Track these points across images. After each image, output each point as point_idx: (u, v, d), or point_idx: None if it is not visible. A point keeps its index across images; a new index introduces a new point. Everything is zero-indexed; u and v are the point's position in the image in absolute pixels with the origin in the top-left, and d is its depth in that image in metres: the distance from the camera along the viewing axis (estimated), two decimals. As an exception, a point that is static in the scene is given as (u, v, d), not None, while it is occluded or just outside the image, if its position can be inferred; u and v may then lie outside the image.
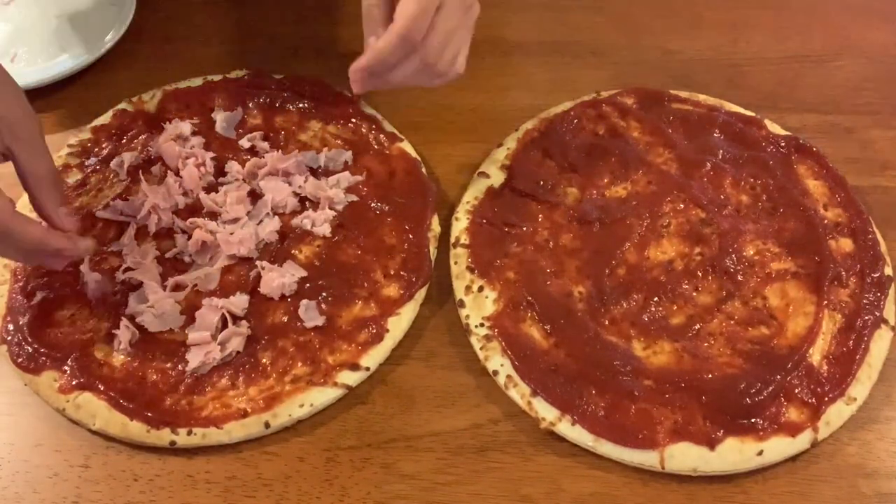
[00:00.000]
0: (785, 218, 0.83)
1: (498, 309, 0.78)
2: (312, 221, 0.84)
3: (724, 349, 0.75)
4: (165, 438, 0.72)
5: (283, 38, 1.05)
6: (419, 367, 0.78)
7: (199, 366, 0.74)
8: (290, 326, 0.78)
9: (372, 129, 0.93)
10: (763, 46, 1.04)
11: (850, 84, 0.99)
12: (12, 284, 0.80)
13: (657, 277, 0.79)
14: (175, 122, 0.91)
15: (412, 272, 0.81)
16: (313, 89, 0.96)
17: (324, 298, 0.79)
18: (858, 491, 0.70)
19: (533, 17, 1.07)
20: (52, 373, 0.75)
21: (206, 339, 0.76)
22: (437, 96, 0.98)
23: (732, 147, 0.89)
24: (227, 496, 0.71)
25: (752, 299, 0.78)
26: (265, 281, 0.80)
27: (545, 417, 0.72)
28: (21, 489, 0.71)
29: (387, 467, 0.72)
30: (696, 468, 0.69)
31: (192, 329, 0.77)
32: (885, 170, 0.91)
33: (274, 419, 0.73)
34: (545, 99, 0.96)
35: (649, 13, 1.08)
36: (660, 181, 0.86)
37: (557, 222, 0.84)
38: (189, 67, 0.99)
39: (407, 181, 0.88)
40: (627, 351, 0.75)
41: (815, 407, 0.71)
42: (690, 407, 0.71)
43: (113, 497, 0.71)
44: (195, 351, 0.75)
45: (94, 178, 0.89)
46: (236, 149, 0.91)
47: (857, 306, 0.77)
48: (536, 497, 0.70)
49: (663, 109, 0.93)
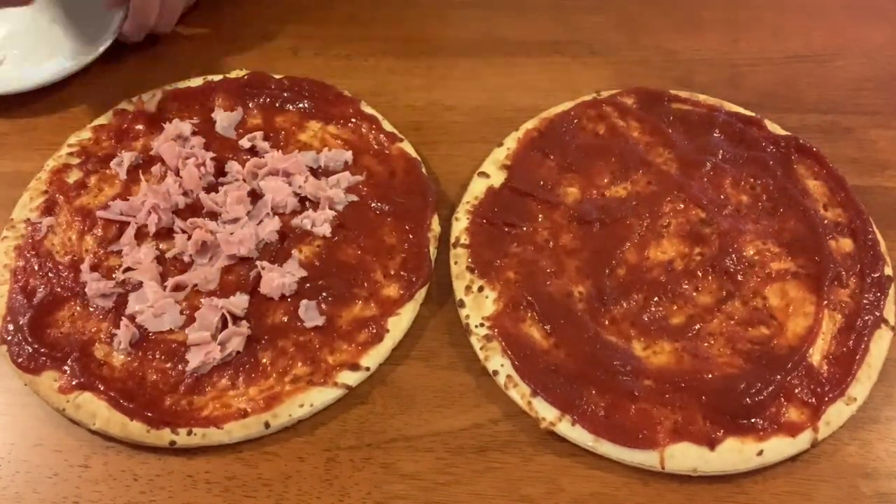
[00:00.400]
0: (785, 218, 0.83)
1: (498, 309, 0.78)
2: (312, 221, 0.84)
3: (724, 349, 0.75)
4: (165, 438, 0.72)
5: (283, 38, 1.06)
6: (419, 367, 0.78)
7: (199, 366, 0.74)
8: (290, 326, 0.78)
9: (372, 129, 0.93)
10: (763, 46, 1.04)
11: (850, 84, 0.99)
12: (12, 284, 0.80)
13: (657, 277, 0.79)
14: (175, 122, 0.91)
15: (412, 272, 0.81)
16: (313, 89, 0.96)
17: (324, 298, 0.79)
18: (858, 491, 0.70)
19: (533, 17, 1.08)
20: (52, 373, 0.75)
21: (206, 339, 0.76)
22: (438, 96, 0.98)
23: (732, 147, 0.89)
24: (227, 496, 0.71)
25: (752, 299, 0.78)
26: (265, 281, 0.80)
27: (545, 417, 0.72)
28: (21, 489, 0.71)
29: (387, 467, 0.72)
30: (696, 468, 0.69)
31: (192, 329, 0.77)
32: (885, 170, 0.91)
33: (274, 419, 0.73)
34: (545, 99, 0.96)
35: (649, 13, 1.08)
36: (660, 181, 0.86)
37: (557, 222, 0.84)
38: (189, 67, 1.00)
39: (407, 181, 0.88)
40: (627, 351, 0.75)
41: (815, 407, 0.71)
42: (690, 407, 0.71)
43: (113, 497, 0.71)
44: (195, 351, 0.75)
45: (93, 178, 0.89)
46: (236, 149, 0.91)
47: (857, 306, 0.77)
48: (536, 497, 0.70)
49: (663, 109, 0.93)
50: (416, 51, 1.04)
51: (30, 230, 0.84)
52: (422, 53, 1.04)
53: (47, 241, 0.84)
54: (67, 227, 0.85)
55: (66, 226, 0.85)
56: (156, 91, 0.96)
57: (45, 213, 0.86)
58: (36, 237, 0.84)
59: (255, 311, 0.79)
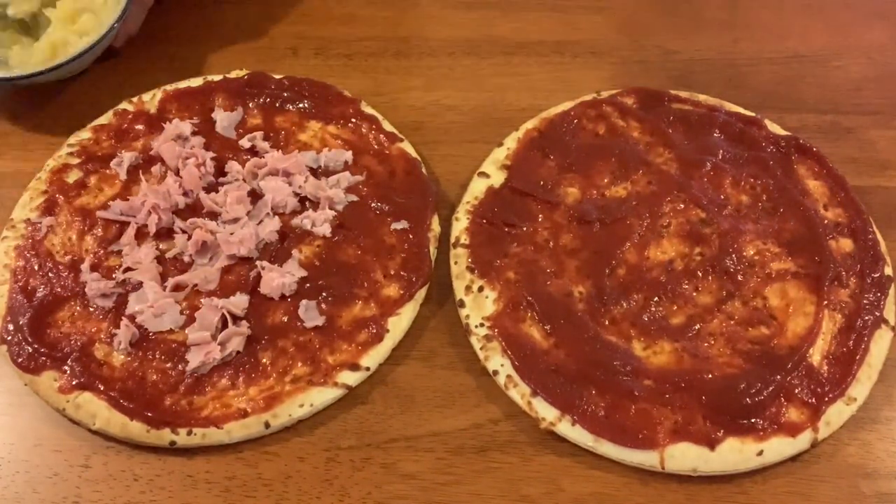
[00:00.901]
0: (785, 218, 0.83)
1: (498, 309, 0.78)
2: (312, 221, 0.84)
3: (724, 349, 0.75)
4: (165, 438, 0.72)
5: (283, 38, 1.06)
6: (419, 367, 0.78)
7: (199, 366, 0.74)
8: (290, 326, 0.78)
9: (372, 129, 0.93)
10: (763, 46, 1.04)
11: (850, 84, 0.99)
12: (12, 284, 0.80)
13: (657, 277, 0.79)
14: (175, 122, 0.91)
15: (412, 272, 0.81)
16: (313, 89, 0.96)
17: (324, 298, 0.79)
18: (858, 491, 0.70)
19: (533, 17, 1.08)
20: (52, 373, 0.75)
21: (206, 339, 0.76)
22: (438, 96, 0.98)
23: (732, 147, 0.89)
24: (227, 496, 0.71)
25: (752, 299, 0.78)
26: (265, 281, 0.80)
27: (545, 417, 0.72)
28: (21, 489, 0.71)
29: (387, 467, 0.72)
30: (696, 468, 0.69)
31: (192, 329, 0.77)
32: (885, 170, 0.91)
33: (274, 419, 0.73)
34: (545, 99, 0.96)
35: (649, 13, 1.08)
36: (660, 181, 0.86)
37: (557, 222, 0.84)
38: (189, 67, 1.00)
39: (407, 181, 0.88)
40: (627, 351, 0.75)
41: (815, 407, 0.71)
42: (690, 407, 0.71)
43: (113, 497, 0.71)
44: (195, 351, 0.75)
45: (93, 178, 0.89)
46: (236, 149, 0.91)
47: (857, 306, 0.77)
48: (536, 497, 0.70)
49: (663, 109, 0.93)
50: (416, 51, 1.04)
51: (30, 230, 0.84)
52: (422, 53, 1.04)
53: (47, 241, 0.84)
54: (67, 227, 0.85)
55: (66, 226, 0.85)
56: (156, 91, 0.96)
57: (45, 213, 0.85)
58: (36, 237, 0.83)
59: (255, 311, 0.79)
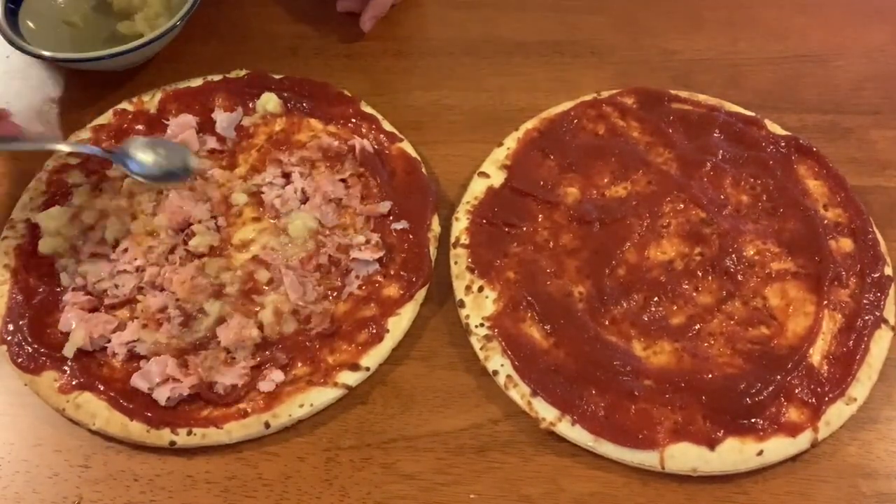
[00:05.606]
0: (785, 218, 0.83)
1: (498, 309, 0.78)
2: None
3: (724, 349, 0.75)
4: (165, 438, 0.72)
5: (283, 38, 1.05)
6: (419, 367, 0.78)
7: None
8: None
9: (372, 128, 0.93)
10: (763, 46, 1.04)
11: (850, 84, 0.99)
12: (12, 285, 0.80)
13: (657, 277, 0.79)
14: (182, 117, 0.91)
15: (412, 272, 0.81)
16: (313, 89, 0.96)
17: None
18: (858, 491, 0.70)
19: (533, 17, 1.07)
20: (52, 373, 0.75)
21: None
22: (437, 96, 0.98)
23: (732, 147, 0.89)
24: (227, 496, 0.71)
25: (752, 299, 0.78)
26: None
27: (545, 417, 0.72)
28: (21, 489, 0.71)
29: (387, 467, 0.72)
30: (696, 468, 0.69)
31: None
32: (885, 170, 0.91)
33: (274, 419, 0.73)
34: (545, 99, 0.96)
35: (649, 13, 1.08)
36: (660, 181, 0.86)
37: (557, 222, 0.84)
38: (189, 67, 0.99)
39: (407, 181, 0.88)
40: (627, 351, 0.75)
41: (815, 407, 0.71)
42: (690, 407, 0.71)
43: (113, 497, 0.71)
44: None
45: (93, 178, 0.89)
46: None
47: (857, 306, 0.77)
48: (536, 497, 0.70)
49: (663, 109, 0.93)
50: (416, 51, 1.04)
51: (30, 230, 0.84)
52: (422, 53, 1.04)
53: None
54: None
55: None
56: (156, 91, 0.96)
57: (45, 213, 0.86)
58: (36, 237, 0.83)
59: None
